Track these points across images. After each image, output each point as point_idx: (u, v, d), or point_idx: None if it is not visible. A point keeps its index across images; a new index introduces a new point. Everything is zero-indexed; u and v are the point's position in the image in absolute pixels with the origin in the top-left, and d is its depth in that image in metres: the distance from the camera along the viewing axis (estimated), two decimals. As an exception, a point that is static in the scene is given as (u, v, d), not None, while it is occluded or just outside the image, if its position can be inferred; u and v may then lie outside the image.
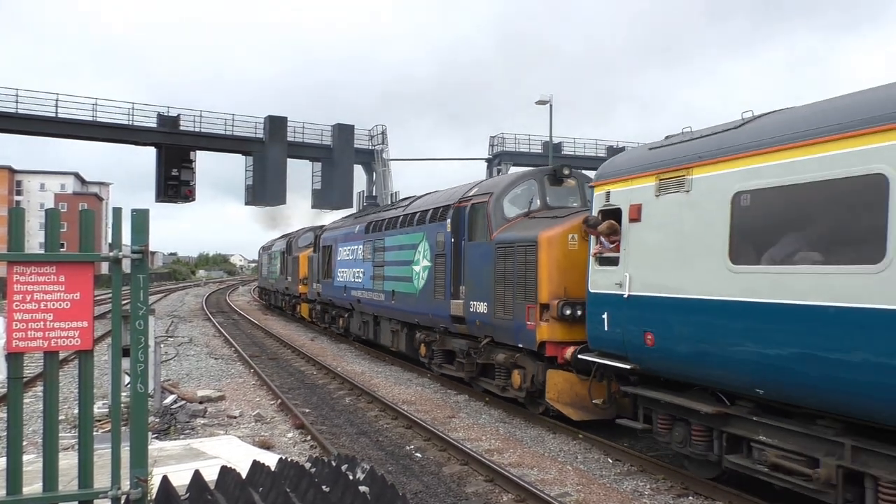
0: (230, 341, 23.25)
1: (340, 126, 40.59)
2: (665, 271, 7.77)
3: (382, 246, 17.76)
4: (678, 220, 7.61)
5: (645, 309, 8.02)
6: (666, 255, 7.78)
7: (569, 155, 42.54)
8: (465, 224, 12.93)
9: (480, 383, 13.15)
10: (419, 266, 15.07)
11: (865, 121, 5.71)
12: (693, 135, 7.96)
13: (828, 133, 6.01)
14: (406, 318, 16.16)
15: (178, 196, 36.71)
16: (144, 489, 3.84)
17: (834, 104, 6.31)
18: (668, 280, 7.69)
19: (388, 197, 38.64)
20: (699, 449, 7.63)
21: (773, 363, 6.37)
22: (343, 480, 3.91)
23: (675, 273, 7.58)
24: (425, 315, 14.69)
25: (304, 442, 10.29)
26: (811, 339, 6.00)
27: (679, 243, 7.57)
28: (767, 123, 6.90)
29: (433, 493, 7.93)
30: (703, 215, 7.23)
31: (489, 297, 11.81)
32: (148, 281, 3.94)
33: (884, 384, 5.41)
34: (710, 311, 7.06)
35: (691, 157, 7.52)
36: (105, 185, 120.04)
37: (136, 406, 3.90)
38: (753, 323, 6.55)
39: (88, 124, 34.77)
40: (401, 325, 16.75)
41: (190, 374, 16.51)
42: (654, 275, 7.93)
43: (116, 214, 4.10)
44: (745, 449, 7.14)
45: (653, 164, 8.15)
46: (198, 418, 11.54)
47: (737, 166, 6.91)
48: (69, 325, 3.81)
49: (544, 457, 9.37)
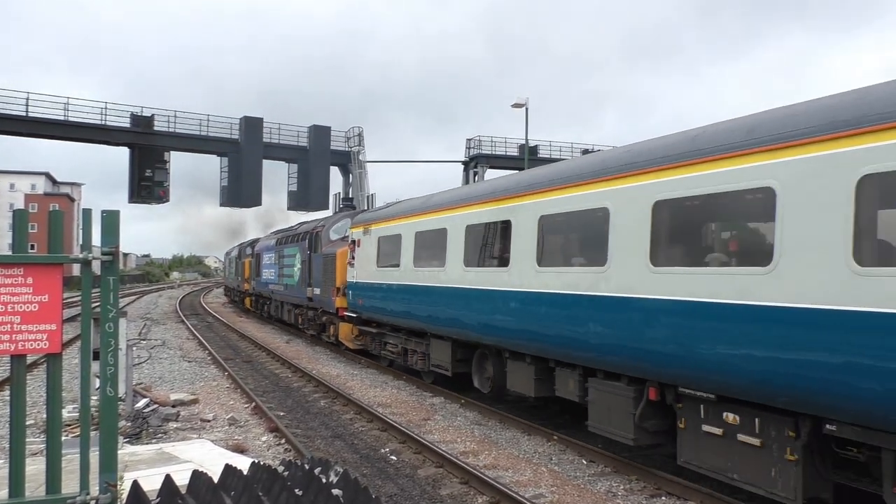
0: (204, 344, 23.01)
1: (317, 127, 40.43)
2: (364, 271, 16.58)
3: (283, 254, 27.30)
4: (367, 246, 16.52)
5: (360, 289, 17.00)
6: (365, 263, 16.56)
7: (545, 157, 42.72)
8: (313, 243, 22.51)
9: (322, 337, 22.33)
10: (295, 268, 24.75)
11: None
12: (380, 208, 18.03)
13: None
14: (292, 301, 26.00)
15: (152, 197, 36.30)
16: (114, 494, 3.80)
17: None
18: (365, 276, 16.54)
19: (364, 199, 38.54)
20: (383, 352, 16.71)
21: (402, 311, 14.57)
22: (316, 484, 3.90)
23: (365, 272, 16.52)
24: (298, 298, 24.60)
25: (278, 445, 10.22)
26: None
27: (366, 258, 16.55)
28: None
29: (408, 496, 7.93)
30: (371, 245, 16.34)
31: (321, 285, 21.17)
32: (118, 283, 3.90)
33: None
34: (372, 288, 16.15)
35: (374, 218, 16.78)
36: (77, 186, 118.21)
37: (106, 410, 3.85)
38: (390, 292, 15.12)
39: (60, 124, 34.23)
40: (291, 306, 26.67)
41: (163, 378, 16.31)
42: (362, 273, 16.81)
43: (86, 216, 4.04)
44: (404, 353, 15.45)
45: (364, 220, 17.31)
46: (170, 422, 11.41)
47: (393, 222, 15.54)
48: (37, 328, 3.76)
49: (519, 458, 9.41)
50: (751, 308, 6.25)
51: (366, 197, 38.97)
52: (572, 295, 8.84)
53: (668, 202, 7.37)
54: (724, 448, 6.90)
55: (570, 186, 9.06)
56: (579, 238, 9.59)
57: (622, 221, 8.01)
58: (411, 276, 13.84)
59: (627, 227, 7.91)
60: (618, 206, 8.12)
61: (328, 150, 40.70)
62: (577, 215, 9.01)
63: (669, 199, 7.33)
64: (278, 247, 27.97)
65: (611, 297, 8.13)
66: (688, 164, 7.09)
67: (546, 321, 9.37)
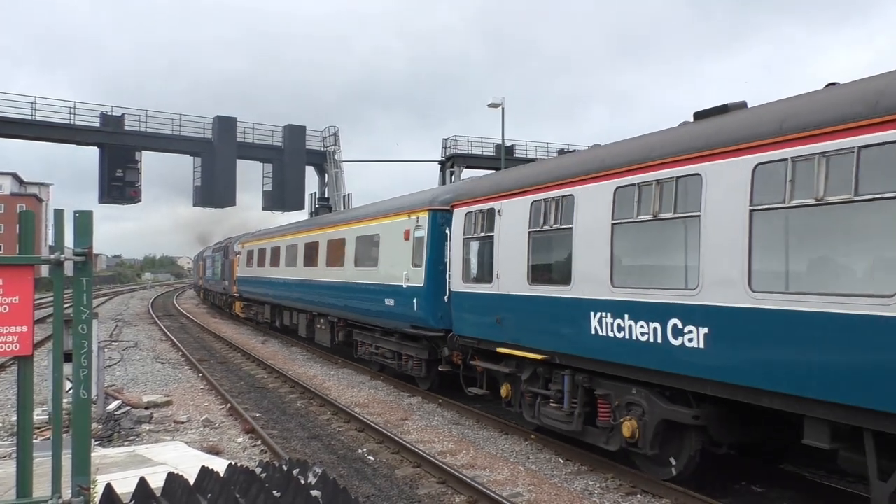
0: (177, 345, 22.74)
1: (291, 127, 40.17)
2: (243, 270, 30.42)
3: (214, 258, 40.94)
4: (244, 256, 30.87)
5: (242, 281, 30.62)
6: (244, 266, 30.49)
7: (521, 157, 42.87)
8: (228, 251, 34.47)
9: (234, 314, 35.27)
10: (217, 268, 39.13)
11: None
12: (253, 233, 33.06)
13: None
14: (219, 290, 39.27)
15: (123, 197, 35.81)
16: (87, 498, 3.74)
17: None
18: (244, 273, 30.08)
19: (340, 199, 38.36)
20: (251, 315, 30.78)
21: (262, 293, 27.45)
22: (294, 485, 3.87)
23: (243, 271, 30.36)
24: (220, 286, 38.29)
25: (254, 447, 10.13)
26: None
27: (244, 262, 30.76)
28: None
29: (386, 496, 7.91)
30: (245, 255, 30.98)
31: (228, 279, 34.16)
32: (92, 284, 3.84)
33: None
34: (249, 281, 29.64)
35: (247, 239, 31.66)
36: (45, 186, 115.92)
37: (79, 412, 3.79)
38: (258, 283, 27.93)
39: (27, 123, 33.60)
40: (219, 294, 40.21)
41: (135, 380, 16.09)
42: (243, 271, 30.35)
43: (59, 216, 3.98)
44: (261, 314, 29.14)
45: (243, 240, 32.03)
46: (143, 424, 11.26)
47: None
48: (7, 330, 3.68)
49: (496, 458, 9.43)
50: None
51: (342, 197, 38.80)
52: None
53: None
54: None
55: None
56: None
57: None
58: (263, 272, 26.62)
59: None
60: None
61: (304, 150, 40.46)
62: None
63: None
64: (215, 253, 41.59)
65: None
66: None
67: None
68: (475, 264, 10.92)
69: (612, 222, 7.80)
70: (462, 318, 11.22)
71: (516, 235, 9.59)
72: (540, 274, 9.22)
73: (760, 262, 6.12)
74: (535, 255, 9.31)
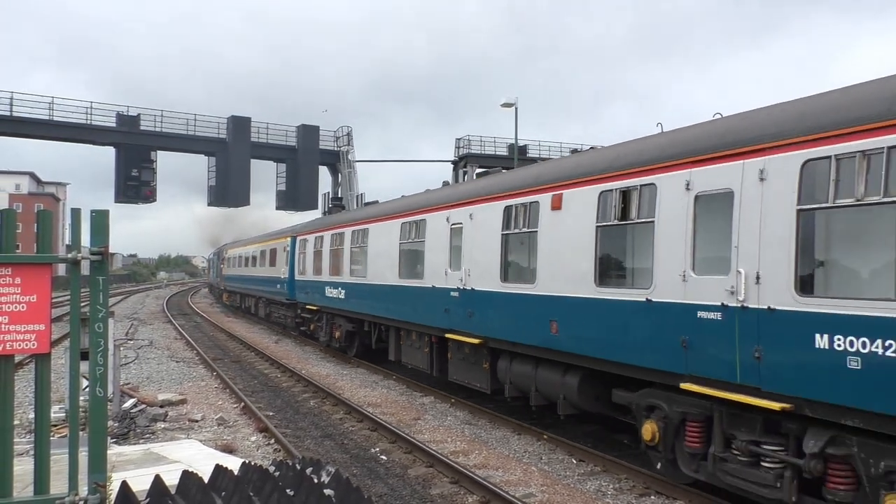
0: (192, 344, 22.89)
1: (305, 127, 40.32)
2: (228, 270, 43.22)
3: (213, 262, 56.22)
4: (228, 258, 43.70)
5: (228, 278, 42.64)
6: (228, 266, 44.15)
7: (533, 157, 42.77)
8: (220, 256, 48.16)
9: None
10: (214, 268, 54.83)
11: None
12: (233, 241, 48.47)
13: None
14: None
15: (139, 196, 36.09)
16: (103, 495, 3.77)
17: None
18: (229, 272, 42.43)
19: (354, 198, 38.44)
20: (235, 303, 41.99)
21: (239, 285, 39.42)
22: (307, 484, 3.89)
23: (228, 270, 43.21)
24: (213, 283, 57.66)
25: (267, 445, 10.18)
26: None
27: (228, 264, 44.53)
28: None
29: (399, 496, 7.92)
30: (228, 257, 43.69)
31: (219, 276, 47.96)
32: (108, 283, 3.87)
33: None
34: (233, 278, 41.14)
35: (231, 246, 45.29)
36: (62, 186, 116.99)
37: (95, 410, 3.82)
38: (239, 279, 38.71)
39: (44, 123, 33.94)
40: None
41: (150, 378, 16.21)
42: (228, 271, 42.24)
43: (75, 215, 4.01)
44: (240, 300, 39.51)
45: (227, 246, 46.95)
46: (158, 422, 11.34)
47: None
48: (25, 328, 3.72)
49: (509, 458, 9.42)
50: None
51: (355, 196, 38.88)
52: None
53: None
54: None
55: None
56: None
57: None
58: (241, 271, 35.20)
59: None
60: None
61: (317, 150, 40.61)
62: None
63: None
64: (213, 257, 54.21)
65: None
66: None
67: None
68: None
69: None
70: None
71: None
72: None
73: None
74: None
